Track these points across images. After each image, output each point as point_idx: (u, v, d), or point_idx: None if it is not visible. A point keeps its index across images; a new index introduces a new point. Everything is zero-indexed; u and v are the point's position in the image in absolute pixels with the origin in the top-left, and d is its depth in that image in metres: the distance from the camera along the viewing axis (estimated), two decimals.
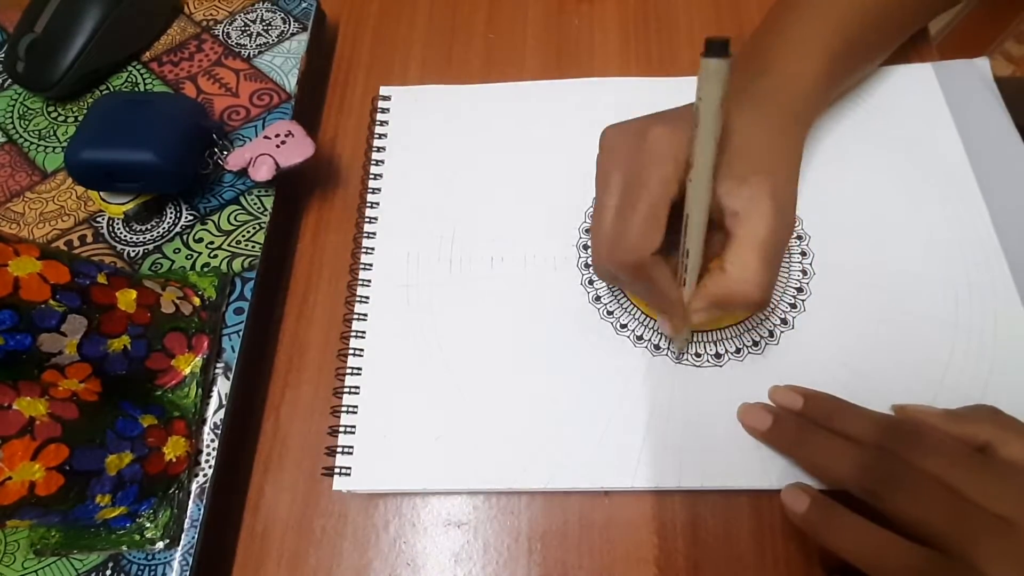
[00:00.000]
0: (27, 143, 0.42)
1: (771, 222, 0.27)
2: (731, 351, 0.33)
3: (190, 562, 0.29)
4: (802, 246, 0.36)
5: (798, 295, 0.34)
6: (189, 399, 0.32)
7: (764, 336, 0.33)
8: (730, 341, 0.33)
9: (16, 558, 0.30)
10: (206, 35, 0.44)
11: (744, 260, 0.27)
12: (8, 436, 0.24)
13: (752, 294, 0.27)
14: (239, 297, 0.35)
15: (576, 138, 0.38)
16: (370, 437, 0.32)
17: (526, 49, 0.45)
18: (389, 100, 0.42)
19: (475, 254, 0.37)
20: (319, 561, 0.31)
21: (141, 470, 0.28)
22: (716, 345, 0.33)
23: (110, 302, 0.29)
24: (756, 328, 0.34)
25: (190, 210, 0.38)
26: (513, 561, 0.31)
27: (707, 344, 0.34)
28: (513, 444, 0.32)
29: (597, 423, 0.32)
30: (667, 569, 0.30)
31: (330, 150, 0.42)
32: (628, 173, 0.28)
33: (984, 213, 0.35)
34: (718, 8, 0.45)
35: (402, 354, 0.34)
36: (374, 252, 0.37)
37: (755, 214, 0.27)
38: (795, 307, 0.34)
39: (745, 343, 0.33)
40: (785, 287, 0.35)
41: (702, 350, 0.33)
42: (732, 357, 0.33)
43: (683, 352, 0.33)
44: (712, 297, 0.28)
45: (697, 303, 0.29)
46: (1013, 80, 1.08)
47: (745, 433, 0.31)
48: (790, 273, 0.35)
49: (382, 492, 0.32)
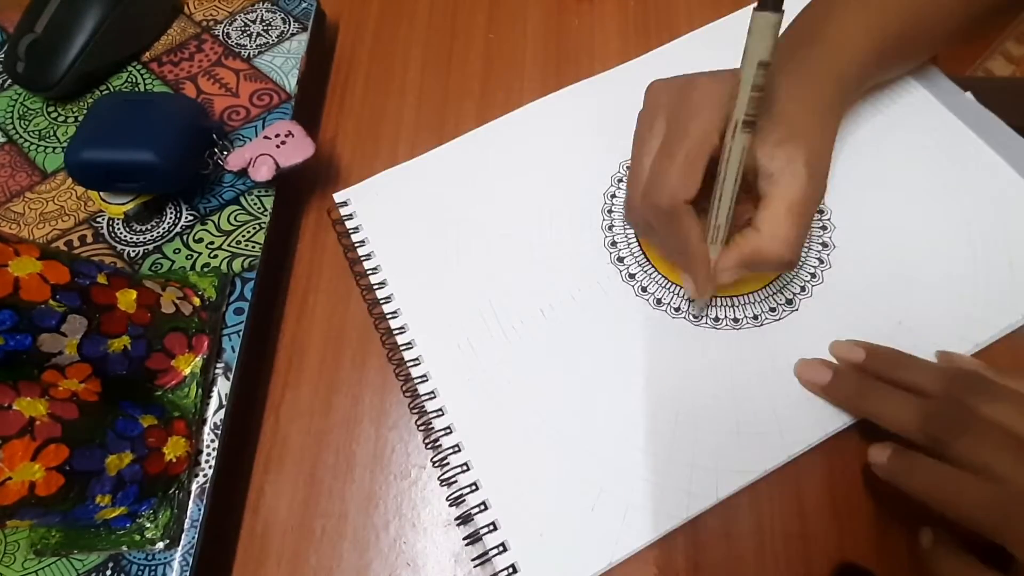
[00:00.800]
0: (27, 143, 0.42)
1: (804, 185, 0.28)
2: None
3: (190, 562, 0.29)
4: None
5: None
6: (189, 399, 0.32)
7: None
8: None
9: (16, 558, 0.30)
10: (206, 35, 0.44)
11: (777, 219, 0.28)
12: (8, 436, 0.24)
13: (783, 252, 0.28)
14: (239, 297, 0.35)
15: (555, 156, 0.39)
16: (522, 531, 0.30)
17: (526, 49, 0.45)
18: (348, 205, 0.39)
19: (522, 308, 0.35)
20: (319, 561, 0.31)
21: (141, 470, 0.28)
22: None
23: (110, 302, 0.29)
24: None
25: (190, 210, 0.38)
26: None
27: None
28: (654, 480, 0.30)
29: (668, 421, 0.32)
30: (667, 569, 0.30)
31: (330, 150, 0.42)
32: (671, 120, 0.29)
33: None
34: (718, 8, 0.45)
35: (506, 443, 0.32)
36: (421, 361, 0.34)
37: (789, 176, 0.28)
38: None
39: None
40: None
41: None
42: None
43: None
44: (742, 255, 0.29)
45: (726, 261, 0.30)
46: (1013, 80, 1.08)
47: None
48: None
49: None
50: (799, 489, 0.31)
